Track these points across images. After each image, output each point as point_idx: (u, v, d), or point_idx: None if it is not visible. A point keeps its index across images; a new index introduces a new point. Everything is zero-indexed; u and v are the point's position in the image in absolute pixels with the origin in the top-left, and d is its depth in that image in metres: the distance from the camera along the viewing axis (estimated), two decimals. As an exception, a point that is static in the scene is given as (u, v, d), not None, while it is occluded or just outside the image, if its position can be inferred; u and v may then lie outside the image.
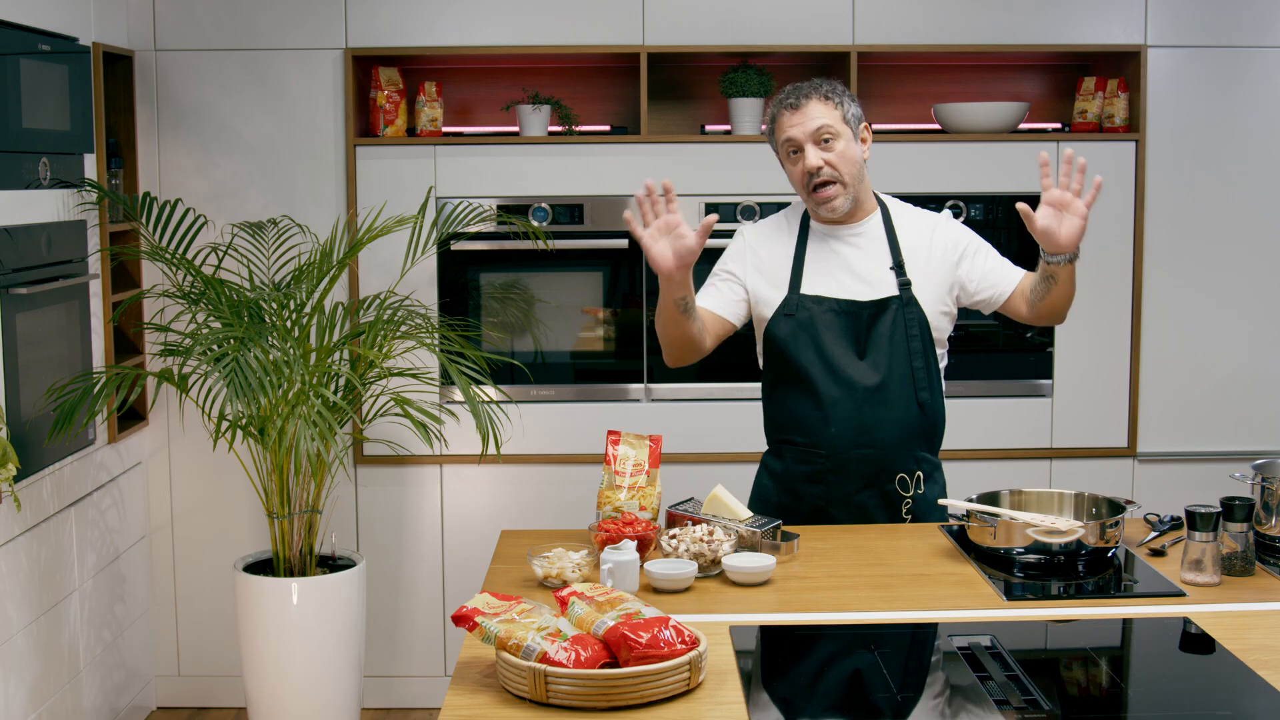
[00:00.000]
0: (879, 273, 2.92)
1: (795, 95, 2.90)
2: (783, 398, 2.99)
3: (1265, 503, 2.68)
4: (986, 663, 2.12)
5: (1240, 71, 4.17)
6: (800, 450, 2.95)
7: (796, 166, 2.91)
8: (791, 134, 2.88)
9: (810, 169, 2.87)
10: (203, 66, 4.10)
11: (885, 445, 2.91)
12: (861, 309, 2.90)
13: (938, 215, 3.03)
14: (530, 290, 4.20)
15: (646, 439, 2.86)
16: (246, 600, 3.66)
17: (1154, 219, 4.19)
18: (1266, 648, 2.19)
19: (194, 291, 3.68)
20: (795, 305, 2.92)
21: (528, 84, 4.32)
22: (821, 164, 2.86)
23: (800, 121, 2.87)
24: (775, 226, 3.04)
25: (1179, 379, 4.25)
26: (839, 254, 2.94)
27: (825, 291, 2.92)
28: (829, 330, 2.90)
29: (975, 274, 2.95)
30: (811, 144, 2.86)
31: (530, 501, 4.21)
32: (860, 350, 2.90)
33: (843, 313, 2.90)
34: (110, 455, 3.90)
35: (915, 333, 2.90)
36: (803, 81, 2.94)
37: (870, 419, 2.90)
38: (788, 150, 2.91)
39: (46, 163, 3.46)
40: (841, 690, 2.12)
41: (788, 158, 2.93)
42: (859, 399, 2.89)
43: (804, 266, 2.94)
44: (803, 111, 2.87)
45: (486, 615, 2.08)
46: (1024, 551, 2.58)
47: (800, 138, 2.87)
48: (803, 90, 2.90)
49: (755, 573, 2.52)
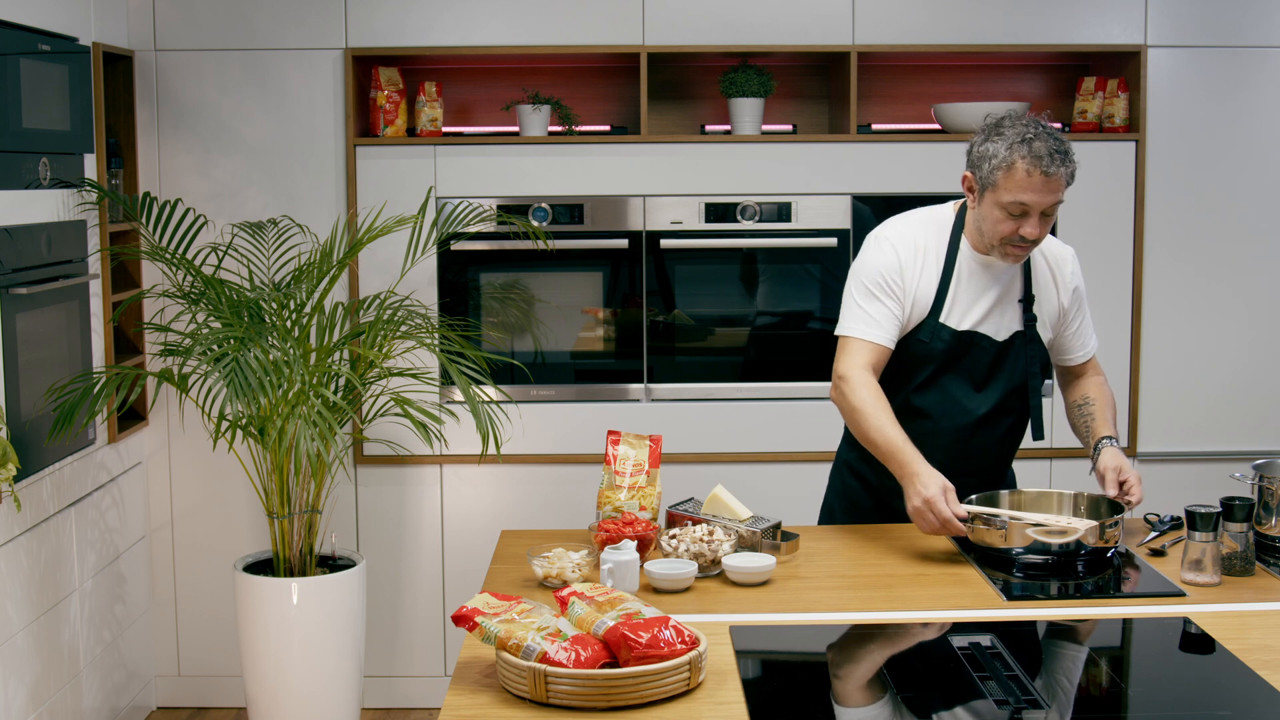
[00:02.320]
0: (1011, 307, 2.88)
1: (1052, 160, 2.68)
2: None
3: (1265, 503, 2.68)
4: (986, 663, 2.12)
5: (1240, 71, 4.17)
6: None
7: (1008, 224, 2.73)
8: (1027, 200, 2.69)
9: (1031, 237, 2.73)
10: (203, 66, 4.10)
11: (983, 472, 2.93)
12: (991, 344, 2.86)
13: (1066, 249, 2.97)
14: (530, 290, 4.20)
15: (646, 439, 2.86)
16: (246, 600, 3.66)
17: (1154, 219, 4.19)
18: (1266, 648, 2.19)
19: (194, 291, 3.68)
20: (932, 333, 2.84)
21: (528, 84, 4.32)
22: (1039, 236, 2.74)
23: (1047, 192, 2.69)
24: (921, 242, 2.87)
25: (1179, 379, 4.25)
26: (981, 283, 2.85)
27: (963, 324, 2.84)
28: (957, 362, 2.86)
29: (1069, 328, 2.97)
30: (1040, 215, 2.72)
31: (530, 501, 4.21)
32: (981, 383, 2.88)
33: (974, 345, 2.85)
34: (110, 455, 3.90)
35: (1036, 370, 2.89)
36: (1042, 130, 2.72)
37: (976, 448, 2.90)
38: (1011, 207, 2.72)
39: (46, 163, 3.46)
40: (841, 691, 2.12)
41: (1004, 209, 2.73)
42: (970, 430, 2.88)
43: (948, 292, 2.84)
44: (1053, 182, 2.69)
45: (486, 615, 2.08)
46: (1024, 551, 2.58)
47: (1036, 207, 2.70)
48: (1060, 158, 2.69)
49: (755, 573, 2.52)
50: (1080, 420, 2.99)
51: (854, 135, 4.12)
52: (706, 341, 4.21)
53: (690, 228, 4.12)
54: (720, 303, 4.22)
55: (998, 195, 2.72)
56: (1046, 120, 2.78)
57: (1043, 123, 2.74)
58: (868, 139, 4.14)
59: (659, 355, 4.19)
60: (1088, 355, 3.02)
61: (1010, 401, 2.90)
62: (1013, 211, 2.71)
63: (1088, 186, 4.15)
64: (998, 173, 2.71)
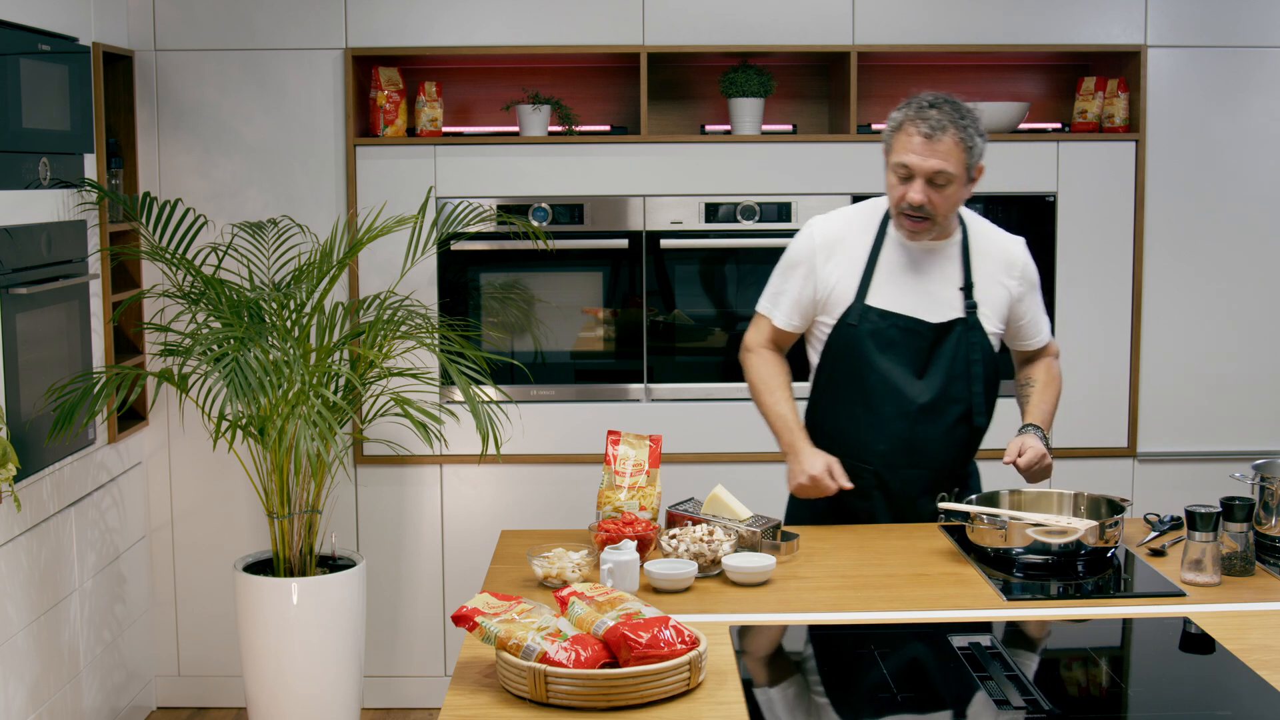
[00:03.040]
0: (948, 293, 2.86)
1: (933, 123, 2.70)
2: (833, 405, 2.94)
3: (1265, 503, 2.68)
4: (986, 663, 2.12)
5: (1240, 71, 4.17)
6: (847, 465, 2.87)
7: (898, 188, 2.77)
8: (909, 160, 2.72)
9: (911, 203, 2.74)
10: (203, 66, 4.10)
11: (934, 465, 2.91)
12: (926, 329, 2.84)
13: (1015, 241, 2.97)
14: (530, 290, 4.20)
15: (646, 439, 2.86)
16: (246, 600, 3.66)
17: (1154, 219, 4.19)
18: (1266, 648, 2.19)
19: (194, 291, 3.68)
20: (860, 316, 2.84)
21: (528, 84, 4.32)
22: (923, 201, 2.73)
23: (926, 154, 2.71)
24: (848, 224, 2.90)
25: (1179, 379, 4.25)
26: (912, 268, 2.85)
27: (892, 306, 2.84)
28: (891, 346, 2.84)
29: (1023, 317, 2.96)
30: (924, 180, 2.72)
31: (530, 501, 4.21)
32: (920, 369, 2.85)
33: (907, 330, 2.84)
34: (110, 455, 3.90)
35: (977, 356, 2.86)
36: (944, 100, 2.74)
37: (922, 438, 2.88)
38: (897, 169, 2.76)
39: (46, 163, 3.46)
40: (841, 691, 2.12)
41: (894, 171, 2.77)
42: (913, 418, 2.86)
43: (874, 275, 2.84)
44: (933, 144, 2.70)
45: (486, 615, 2.08)
46: (1024, 551, 2.58)
47: (916, 167, 2.72)
48: (943, 118, 2.71)
49: (755, 573, 2.52)
50: (1020, 401, 3.04)
51: (854, 135, 4.12)
52: (707, 341, 4.21)
53: (690, 228, 4.12)
54: (720, 303, 4.22)
55: (890, 158, 2.79)
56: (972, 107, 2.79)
57: (954, 99, 2.77)
58: (868, 139, 4.14)
59: (659, 355, 4.19)
60: (1042, 341, 3.03)
61: (956, 390, 2.87)
62: (900, 174, 2.76)
63: (1088, 186, 4.15)
64: (891, 136, 2.79)
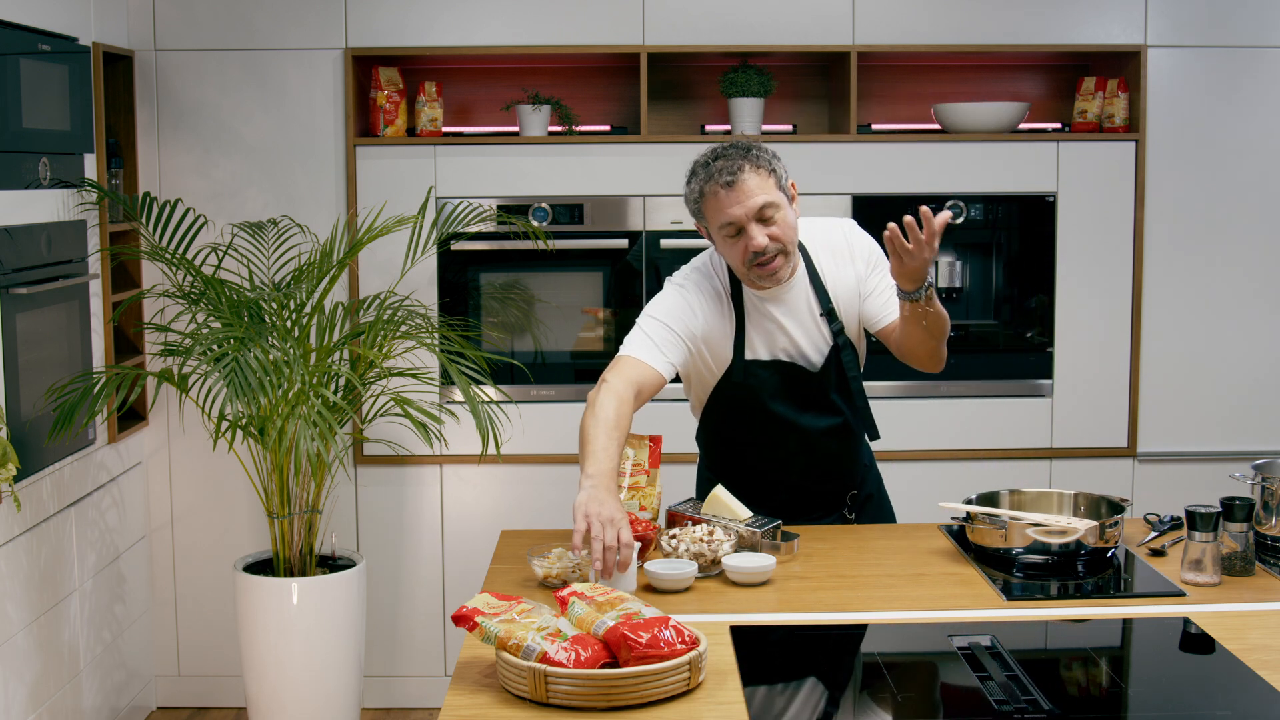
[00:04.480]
0: (813, 324, 2.82)
1: (726, 172, 2.65)
2: (728, 444, 2.96)
3: (1265, 503, 2.68)
4: (986, 663, 2.12)
5: (1240, 71, 4.17)
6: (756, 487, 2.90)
7: (737, 247, 2.69)
8: (732, 215, 2.65)
9: (757, 249, 2.66)
10: (203, 66, 4.10)
11: (841, 477, 2.99)
12: (810, 374, 2.85)
13: (843, 225, 2.90)
14: (530, 290, 4.20)
15: (646, 439, 2.87)
16: (246, 600, 3.66)
17: (1154, 219, 4.19)
18: (1266, 648, 2.19)
19: (194, 291, 3.68)
20: (743, 372, 2.82)
21: (528, 84, 4.32)
22: (767, 242, 2.66)
23: (740, 200, 2.64)
24: (707, 288, 2.82)
25: (1179, 379, 4.25)
26: (775, 317, 2.81)
27: (769, 355, 2.82)
28: (777, 392, 2.84)
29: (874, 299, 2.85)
30: (755, 223, 2.66)
31: (530, 501, 4.21)
32: (807, 402, 2.87)
33: (793, 375, 2.84)
34: (110, 455, 3.90)
35: (855, 373, 2.88)
36: (723, 147, 2.71)
37: (823, 457, 2.92)
38: (726, 230, 2.68)
39: (46, 163, 3.46)
40: (841, 691, 2.12)
41: (725, 239, 2.70)
42: (811, 444, 2.89)
43: (745, 333, 2.81)
44: (739, 189, 2.64)
45: (486, 615, 2.08)
46: (1024, 551, 2.58)
47: (742, 218, 2.65)
48: (732, 164, 2.66)
49: (755, 573, 2.52)
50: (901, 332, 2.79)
51: (854, 135, 4.12)
52: (706, 341, 4.21)
53: (690, 228, 4.12)
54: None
55: (713, 226, 2.72)
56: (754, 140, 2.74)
57: (728, 142, 2.73)
58: (868, 139, 4.14)
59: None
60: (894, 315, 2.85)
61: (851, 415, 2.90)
62: (730, 234, 2.69)
63: (1088, 186, 4.15)
64: (700, 207, 2.73)
